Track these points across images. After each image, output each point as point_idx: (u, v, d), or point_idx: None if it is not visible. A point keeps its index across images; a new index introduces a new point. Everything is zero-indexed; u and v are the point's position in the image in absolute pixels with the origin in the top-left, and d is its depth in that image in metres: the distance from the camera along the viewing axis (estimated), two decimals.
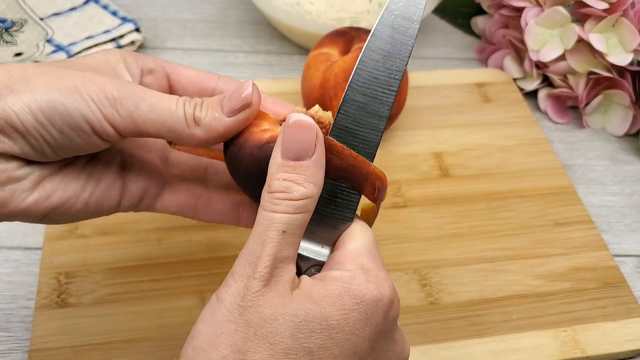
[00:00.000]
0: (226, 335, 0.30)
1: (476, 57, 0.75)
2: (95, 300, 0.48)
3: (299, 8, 0.66)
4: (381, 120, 0.34)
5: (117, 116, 0.33)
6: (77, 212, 0.36)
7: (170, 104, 0.33)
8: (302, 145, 0.32)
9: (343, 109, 0.34)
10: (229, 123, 0.34)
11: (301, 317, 0.30)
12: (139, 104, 0.33)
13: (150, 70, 0.38)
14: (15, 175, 0.33)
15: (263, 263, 0.31)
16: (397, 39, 0.34)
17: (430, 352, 0.46)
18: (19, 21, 0.69)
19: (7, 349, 0.46)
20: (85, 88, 0.32)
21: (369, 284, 0.32)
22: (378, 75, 0.34)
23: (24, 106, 0.31)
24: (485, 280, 0.51)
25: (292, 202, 0.31)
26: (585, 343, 0.48)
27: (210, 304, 0.31)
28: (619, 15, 0.61)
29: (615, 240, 0.57)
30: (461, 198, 0.57)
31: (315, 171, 0.32)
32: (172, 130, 0.34)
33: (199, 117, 0.34)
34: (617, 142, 0.66)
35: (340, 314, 0.31)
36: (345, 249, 0.34)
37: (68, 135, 0.33)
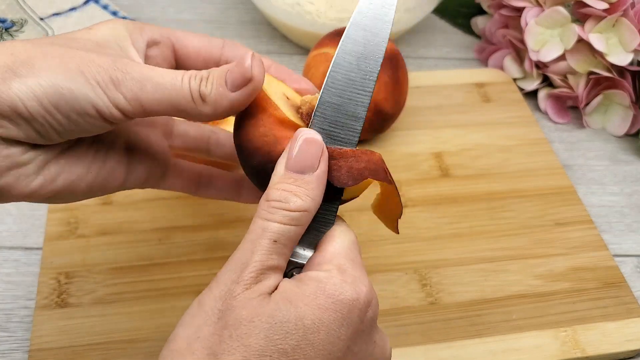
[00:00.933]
0: (202, 339, 0.30)
1: (476, 57, 0.75)
2: (95, 300, 0.48)
3: (299, 8, 0.66)
4: (357, 121, 0.34)
5: (123, 99, 0.32)
6: (82, 193, 0.36)
7: (175, 81, 0.33)
8: (307, 160, 0.32)
9: (319, 111, 0.34)
10: (234, 98, 0.33)
11: (277, 318, 0.30)
12: (144, 84, 0.32)
13: (155, 41, 0.37)
14: (19, 160, 0.33)
15: (249, 269, 0.31)
16: (369, 40, 0.35)
17: (430, 352, 0.46)
18: (19, 21, 0.69)
19: (7, 349, 0.46)
20: (90, 71, 0.32)
21: (344, 284, 0.32)
22: (353, 77, 0.35)
23: (29, 91, 0.31)
24: (485, 280, 0.51)
25: (287, 213, 0.31)
26: (585, 343, 0.48)
27: (190, 309, 0.31)
28: (619, 15, 0.61)
29: (615, 240, 0.57)
30: (461, 198, 0.57)
31: (316, 186, 0.32)
32: (179, 108, 0.33)
33: (205, 93, 0.33)
34: (617, 142, 0.67)
35: (315, 314, 0.31)
36: (324, 251, 0.34)
37: (74, 119, 0.32)
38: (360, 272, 0.33)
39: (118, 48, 0.35)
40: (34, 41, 0.33)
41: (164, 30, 0.38)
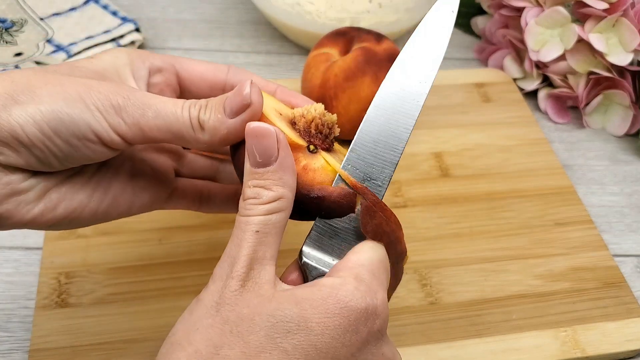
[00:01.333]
0: (202, 331, 0.30)
1: (476, 57, 0.75)
2: (96, 300, 0.48)
3: (299, 8, 0.66)
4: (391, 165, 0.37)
5: (123, 124, 0.32)
6: (84, 221, 0.36)
7: (175, 108, 0.33)
8: (264, 152, 0.33)
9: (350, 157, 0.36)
10: (232, 125, 0.33)
11: (278, 317, 0.30)
12: (145, 111, 0.33)
13: (158, 69, 0.38)
14: (19, 187, 0.33)
15: (240, 263, 0.31)
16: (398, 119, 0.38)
17: (430, 352, 0.46)
18: (19, 21, 0.69)
19: (7, 349, 0.46)
20: (90, 97, 0.32)
21: (357, 291, 0.32)
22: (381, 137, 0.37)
23: (29, 118, 0.31)
24: (485, 280, 0.51)
25: (263, 206, 0.32)
26: (585, 343, 0.48)
27: (189, 306, 0.32)
28: (619, 15, 0.62)
29: (615, 240, 0.57)
30: (461, 198, 0.57)
31: (282, 174, 0.33)
32: (178, 135, 0.33)
33: (203, 120, 0.33)
34: (617, 142, 0.67)
35: (322, 318, 0.31)
36: (347, 260, 0.34)
37: (74, 145, 0.32)
38: (377, 287, 0.33)
39: (117, 76, 0.36)
40: (36, 69, 0.33)
41: (168, 57, 0.38)
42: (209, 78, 0.39)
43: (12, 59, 0.64)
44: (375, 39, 0.58)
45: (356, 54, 0.57)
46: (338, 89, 0.56)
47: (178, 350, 0.30)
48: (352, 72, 0.56)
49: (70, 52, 0.65)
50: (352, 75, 0.56)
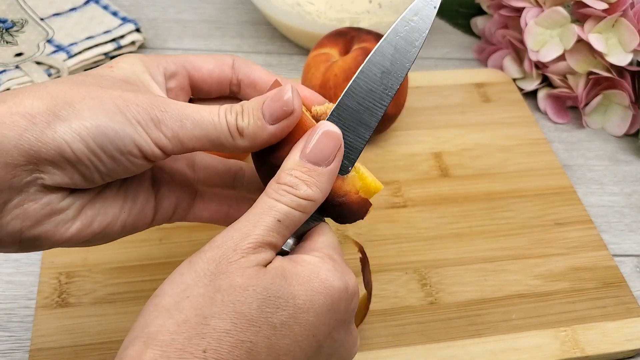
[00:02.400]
0: (192, 299, 0.30)
1: (476, 57, 0.75)
2: (96, 300, 0.48)
3: (299, 8, 0.66)
4: (368, 130, 0.36)
5: (164, 137, 0.32)
6: (116, 234, 0.36)
7: (212, 116, 0.33)
8: (323, 153, 0.33)
9: (336, 112, 0.36)
10: (273, 131, 0.33)
11: (271, 291, 0.30)
12: (183, 122, 0.33)
13: (172, 74, 0.38)
14: (58, 207, 0.33)
15: (249, 240, 0.31)
16: (397, 58, 0.37)
17: (430, 352, 0.47)
18: (19, 21, 0.69)
19: (8, 348, 0.46)
20: (130, 111, 0.32)
21: (335, 271, 0.33)
22: (374, 88, 0.36)
23: (75, 135, 0.31)
24: (485, 280, 0.51)
25: (296, 198, 0.32)
26: (584, 343, 0.48)
27: (180, 267, 0.31)
28: (619, 15, 0.62)
29: (615, 240, 0.57)
30: (461, 198, 0.57)
31: (326, 179, 0.33)
32: (217, 143, 0.33)
33: (242, 127, 0.33)
34: (616, 142, 0.67)
35: (308, 295, 0.31)
36: (314, 240, 0.35)
37: (118, 160, 0.32)
38: (346, 267, 0.34)
39: (141, 84, 0.36)
40: (67, 81, 0.33)
41: (178, 58, 0.38)
42: (217, 74, 0.39)
43: (12, 59, 0.64)
44: (375, 39, 0.58)
45: (356, 54, 0.57)
46: (338, 89, 0.56)
47: (166, 317, 0.29)
48: (352, 72, 0.56)
49: (70, 52, 0.65)
50: (352, 75, 0.56)
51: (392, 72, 0.37)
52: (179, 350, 0.28)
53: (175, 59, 0.38)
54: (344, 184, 0.36)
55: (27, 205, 0.32)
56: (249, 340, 0.29)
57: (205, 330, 0.29)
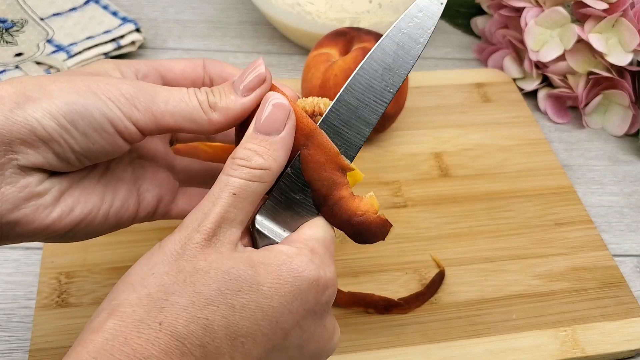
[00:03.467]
0: (157, 275, 0.31)
1: (476, 57, 0.75)
2: (96, 300, 0.48)
3: (299, 8, 0.66)
4: (368, 126, 0.36)
5: (137, 112, 0.33)
6: (98, 226, 0.37)
7: (182, 94, 0.34)
8: (273, 122, 0.34)
9: (335, 107, 0.36)
10: (247, 102, 0.35)
11: (232, 275, 0.31)
12: (154, 97, 0.34)
13: (144, 75, 0.38)
14: (36, 190, 0.33)
15: (209, 219, 0.32)
16: (400, 55, 0.36)
17: (430, 352, 0.47)
18: (19, 21, 0.69)
19: (8, 348, 0.46)
20: (101, 89, 0.33)
21: (310, 263, 0.33)
22: (375, 84, 0.36)
23: (45, 112, 0.31)
24: (485, 280, 0.51)
25: (248, 170, 0.33)
26: (584, 343, 0.48)
27: (150, 250, 0.33)
28: (619, 15, 0.62)
29: (615, 240, 0.57)
30: (461, 198, 0.57)
31: (279, 147, 0.34)
32: (190, 118, 0.34)
33: (214, 101, 0.34)
34: (616, 142, 0.67)
35: (274, 283, 0.32)
36: (302, 233, 0.35)
37: (91, 137, 0.33)
38: (329, 261, 0.35)
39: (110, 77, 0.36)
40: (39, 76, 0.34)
41: (150, 62, 0.39)
42: (190, 74, 0.40)
43: (12, 59, 0.64)
44: (375, 39, 0.58)
45: (356, 54, 0.57)
46: (338, 88, 0.56)
47: (131, 291, 0.30)
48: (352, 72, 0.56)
49: (70, 52, 0.65)
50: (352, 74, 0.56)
51: (394, 69, 0.36)
52: (136, 321, 0.29)
53: (147, 62, 0.39)
54: (361, 203, 0.36)
55: (5, 189, 0.32)
56: (205, 317, 0.30)
57: (164, 305, 0.30)
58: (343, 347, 0.46)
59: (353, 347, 0.46)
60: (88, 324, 0.30)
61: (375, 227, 0.36)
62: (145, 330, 0.29)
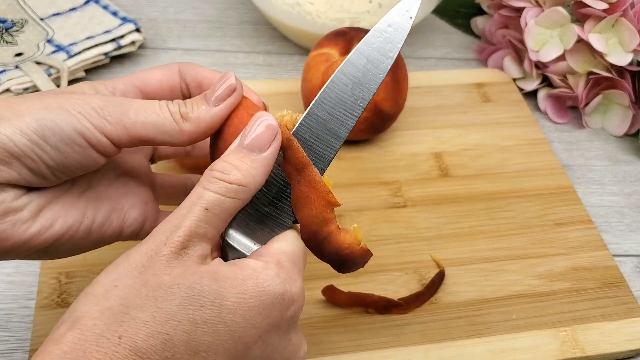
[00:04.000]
0: (120, 288, 0.30)
1: (476, 57, 0.75)
2: None
3: (299, 8, 0.66)
4: (338, 140, 0.36)
5: (107, 124, 0.33)
6: (80, 241, 0.37)
7: (153, 106, 0.35)
8: (259, 140, 0.34)
9: (305, 121, 0.36)
10: (217, 112, 0.35)
11: (195, 290, 0.31)
12: (125, 109, 0.34)
13: (122, 92, 0.39)
14: (13, 205, 0.33)
15: (178, 233, 0.32)
16: (369, 69, 0.36)
17: (430, 352, 0.47)
18: (19, 21, 0.69)
19: (8, 348, 0.46)
20: (71, 104, 0.33)
21: (277, 277, 0.33)
22: (345, 98, 0.36)
23: (16, 129, 0.32)
24: (485, 280, 0.51)
25: (225, 184, 0.33)
26: (584, 343, 0.48)
27: (118, 258, 0.32)
28: (619, 15, 0.62)
29: (615, 240, 0.57)
30: (461, 198, 0.57)
31: (259, 166, 0.34)
32: (162, 129, 0.34)
33: (185, 112, 0.35)
34: (616, 142, 0.67)
35: (238, 297, 0.32)
36: (270, 246, 0.35)
37: (64, 151, 0.33)
38: (297, 275, 0.34)
39: None
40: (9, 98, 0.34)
41: (127, 78, 0.39)
42: (167, 83, 0.40)
43: (12, 59, 0.64)
44: None
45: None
46: None
47: (93, 304, 0.30)
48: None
49: (70, 52, 0.65)
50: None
51: (363, 82, 0.36)
52: (96, 334, 0.29)
53: (124, 79, 0.39)
54: (347, 236, 0.36)
55: None
56: (165, 332, 0.30)
57: (125, 319, 0.30)
58: (343, 347, 0.46)
59: (353, 347, 0.46)
60: (51, 333, 0.30)
61: (358, 257, 0.37)
62: (104, 344, 0.29)
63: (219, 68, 0.70)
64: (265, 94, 0.65)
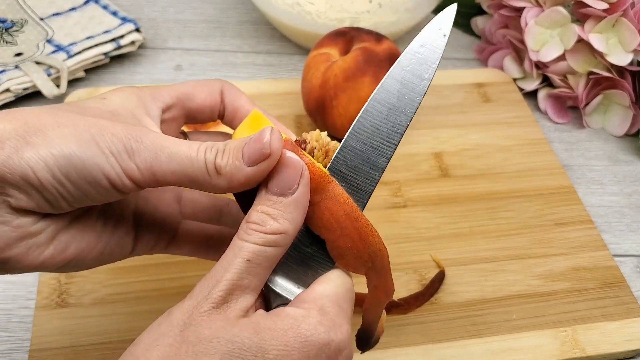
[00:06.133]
0: (160, 348, 0.29)
1: (476, 57, 0.75)
2: (96, 300, 0.48)
3: (299, 8, 0.66)
4: (377, 171, 0.34)
5: (136, 169, 0.31)
6: (91, 262, 0.36)
7: (190, 151, 0.32)
8: (285, 182, 0.32)
9: (341, 154, 0.34)
10: (250, 173, 0.32)
11: (236, 344, 0.30)
12: (158, 154, 0.32)
13: (168, 106, 0.38)
14: (30, 230, 0.32)
15: (219, 287, 0.30)
16: (404, 94, 0.34)
17: (430, 352, 0.46)
18: (19, 21, 0.69)
19: (8, 349, 0.46)
20: (104, 140, 0.31)
21: (319, 325, 0.31)
22: (380, 126, 0.34)
23: (41, 161, 0.30)
24: (485, 280, 0.51)
25: (263, 235, 0.31)
26: (585, 343, 0.48)
27: (159, 318, 0.31)
28: (619, 15, 0.62)
29: (615, 240, 0.57)
30: (461, 198, 0.57)
31: (293, 209, 0.32)
32: (193, 179, 0.32)
33: (220, 165, 0.32)
34: (616, 142, 0.67)
35: (280, 350, 0.30)
36: (312, 290, 0.33)
37: (85, 189, 0.32)
38: (342, 320, 0.32)
39: (132, 117, 0.35)
40: (47, 109, 0.32)
41: (173, 89, 0.38)
42: (209, 103, 0.39)
43: (12, 59, 0.64)
44: (375, 39, 0.58)
45: (356, 54, 0.57)
46: (338, 89, 0.56)
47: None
48: (352, 72, 0.56)
49: (70, 52, 0.65)
50: (352, 75, 0.56)
51: (399, 108, 0.34)
52: None
53: (171, 91, 0.38)
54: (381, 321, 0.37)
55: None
56: None
57: None
58: None
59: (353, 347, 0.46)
60: None
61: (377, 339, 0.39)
62: None
63: (219, 68, 0.70)
64: (265, 94, 0.65)
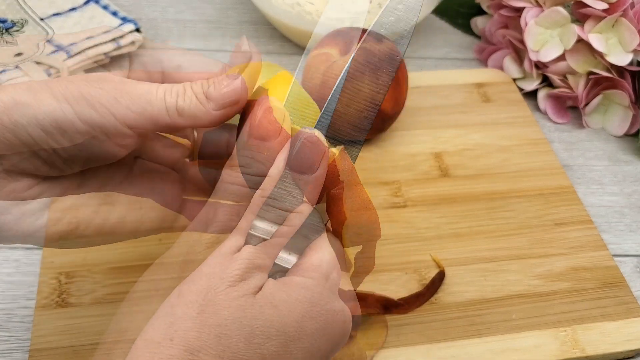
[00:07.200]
0: (180, 333, 0.29)
1: (476, 57, 0.75)
2: (96, 300, 0.48)
3: (299, 8, 0.66)
4: (361, 133, 0.34)
5: (131, 113, 0.31)
6: (91, 237, 0.35)
7: (149, 95, 0.32)
8: (307, 161, 0.31)
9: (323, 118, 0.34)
10: (217, 116, 0.32)
11: (260, 321, 0.29)
12: (117, 98, 0.31)
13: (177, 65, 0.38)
14: (24, 195, 0.32)
15: (236, 266, 0.30)
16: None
17: (430, 352, 0.46)
18: (19, 21, 0.69)
19: (7, 348, 0.46)
20: (92, 95, 0.31)
21: (331, 293, 0.32)
22: (362, 87, 0.35)
23: (31, 118, 0.30)
24: (485, 280, 0.51)
25: (281, 212, 0.31)
26: (585, 343, 0.48)
27: (170, 298, 0.30)
28: (619, 15, 0.62)
29: (615, 240, 0.57)
30: (461, 198, 0.57)
31: (313, 188, 0.31)
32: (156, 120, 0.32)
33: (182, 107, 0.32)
34: (616, 142, 0.67)
35: (299, 321, 0.30)
36: (310, 257, 0.33)
37: (59, 140, 0.31)
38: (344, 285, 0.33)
39: None
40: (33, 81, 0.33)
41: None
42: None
43: (12, 59, 0.64)
44: (375, 39, 0.58)
45: (356, 54, 0.57)
46: None
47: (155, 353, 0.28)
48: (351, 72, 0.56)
49: (70, 52, 0.65)
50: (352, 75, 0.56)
51: (381, 68, 0.34)
52: None
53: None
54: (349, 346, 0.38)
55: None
56: None
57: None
58: None
59: None
60: None
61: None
62: None
63: None
64: None
